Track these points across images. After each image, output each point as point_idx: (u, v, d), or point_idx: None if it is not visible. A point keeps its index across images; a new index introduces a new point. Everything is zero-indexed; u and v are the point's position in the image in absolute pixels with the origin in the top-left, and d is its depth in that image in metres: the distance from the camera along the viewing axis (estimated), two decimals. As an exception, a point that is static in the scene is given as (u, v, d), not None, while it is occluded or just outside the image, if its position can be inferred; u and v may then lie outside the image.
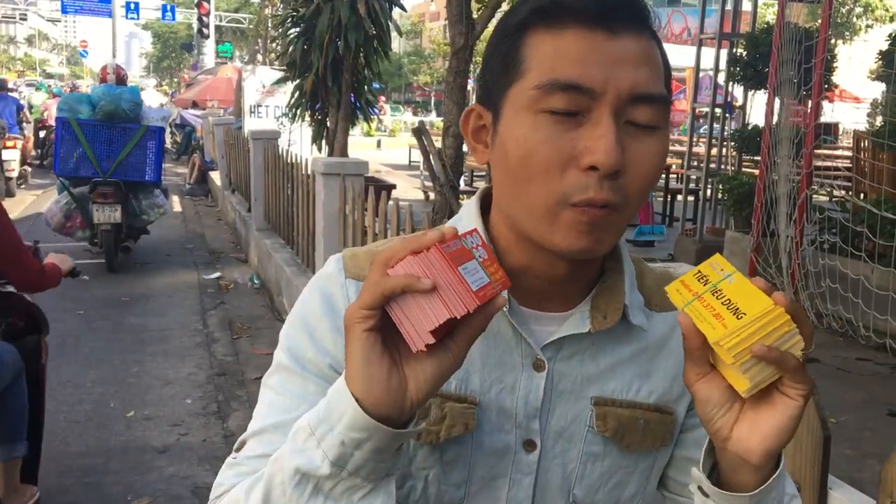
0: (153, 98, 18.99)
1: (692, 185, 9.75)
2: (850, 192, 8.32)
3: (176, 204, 12.98)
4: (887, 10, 25.67)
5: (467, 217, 0.95)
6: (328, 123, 8.03)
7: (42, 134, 16.49)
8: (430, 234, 0.70)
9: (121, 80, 8.04)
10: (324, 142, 8.41)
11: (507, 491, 0.91)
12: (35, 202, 12.52)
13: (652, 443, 0.94)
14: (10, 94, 15.83)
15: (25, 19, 64.73)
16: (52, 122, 15.38)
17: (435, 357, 0.71)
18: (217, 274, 7.89)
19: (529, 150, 0.81)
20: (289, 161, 6.95)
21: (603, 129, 0.79)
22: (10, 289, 3.35)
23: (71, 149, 7.42)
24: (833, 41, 9.12)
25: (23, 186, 14.06)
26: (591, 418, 0.91)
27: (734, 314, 0.73)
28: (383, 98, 33.77)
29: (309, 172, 5.97)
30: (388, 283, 0.68)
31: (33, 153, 16.57)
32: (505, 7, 5.79)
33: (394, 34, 8.19)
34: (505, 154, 0.84)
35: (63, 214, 7.72)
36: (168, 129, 19.14)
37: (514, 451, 0.91)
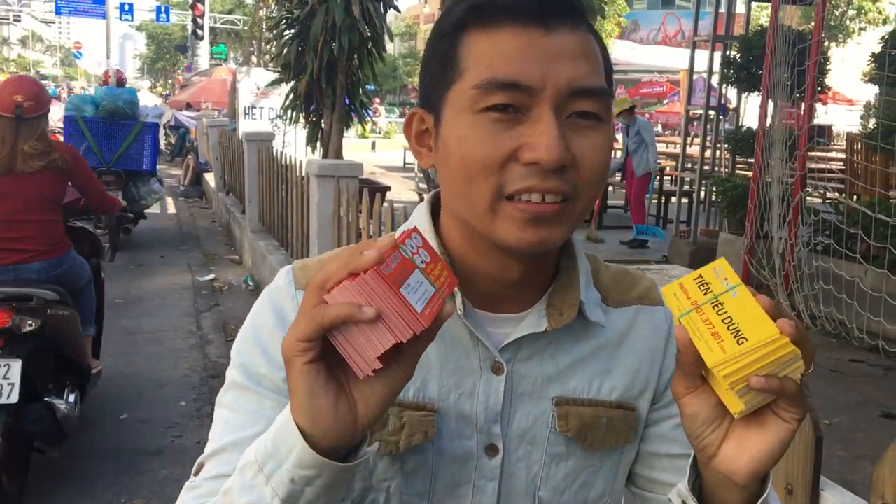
0: (147, 100, 18.94)
1: (686, 187, 9.77)
2: (843, 194, 8.35)
3: (170, 205, 12.96)
4: (880, 13, 25.78)
5: (418, 222, 0.94)
6: (322, 125, 8.03)
7: None
8: (368, 254, 0.65)
9: (121, 82, 9.23)
10: (318, 143, 8.40)
11: (472, 498, 0.90)
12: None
13: (616, 440, 0.94)
14: None
15: (19, 20, 64.56)
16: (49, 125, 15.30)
17: (384, 376, 0.69)
18: (211, 276, 7.87)
19: (469, 149, 0.81)
20: (283, 163, 6.94)
21: (544, 126, 0.79)
22: (79, 224, 4.68)
23: (78, 142, 7.90)
24: (826, 44, 9.16)
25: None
26: (552, 419, 0.90)
27: (735, 337, 0.70)
28: (378, 100, 33.78)
29: (303, 174, 5.97)
30: (326, 315, 0.65)
31: None
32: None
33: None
34: (447, 155, 0.84)
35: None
36: (162, 131, 19.28)
37: (476, 457, 0.90)
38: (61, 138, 12.42)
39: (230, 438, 0.86)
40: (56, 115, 15.59)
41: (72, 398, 3.66)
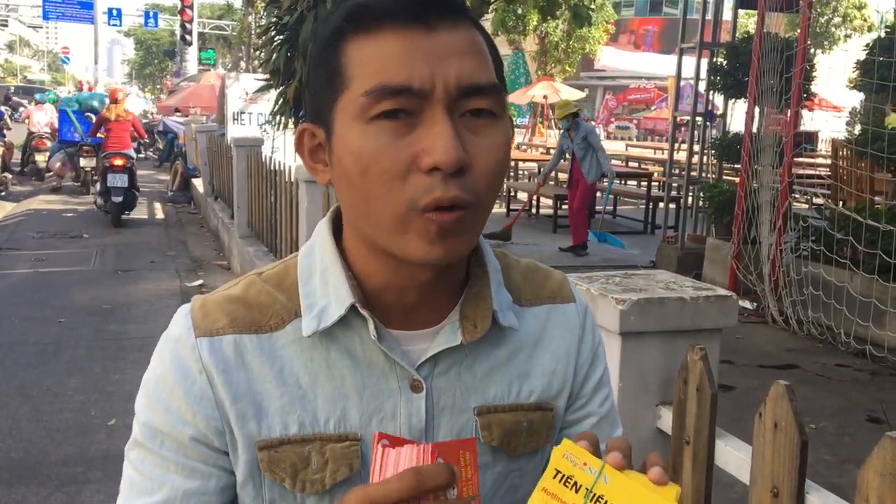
0: (135, 104, 18.97)
1: (674, 193, 9.81)
2: (829, 200, 8.40)
3: (158, 211, 12.92)
4: (865, 20, 25.97)
5: (321, 243, 0.90)
6: (311, 131, 8.01)
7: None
8: None
9: (89, 89, 16.74)
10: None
11: None
12: (15, 209, 12.41)
13: (537, 442, 0.94)
14: None
15: (6, 25, 64.28)
16: (33, 129, 15.39)
17: None
18: (199, 281, 7.85)
19: (367, 162, 0.77)
20: (272, 168, 6.94)
21: (438, 128, 0.76)
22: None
23: (69, 126, 14.07)
24: (812, 51, 9.22)
25: (2, 193, 13.95)
26: (475, 428, 0.89)
27: None
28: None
29: (292, 180, 5.97)
30: None
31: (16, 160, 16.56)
32: (489, 15, 5.80)
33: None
34: (344, 171, 0.80)
35: (61, 163, 14.37)
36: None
37: None
38: (48, 143, 13.58)
39: None
40: (44, 121, 15.72)
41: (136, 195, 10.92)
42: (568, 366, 0.96)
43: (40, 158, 15.30)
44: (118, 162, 10.82)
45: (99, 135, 11.50)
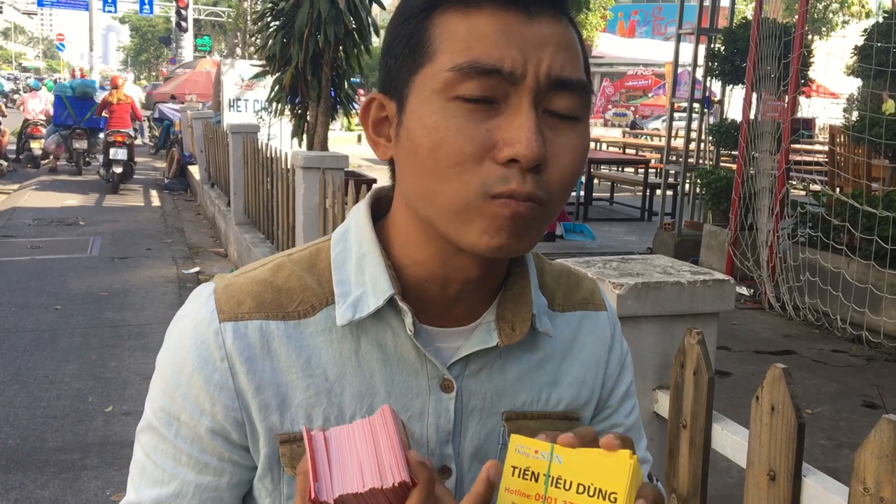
0: (132, 91, 18.95)
1: (671, 180, 9.80)
2: (826, 186, 8.40)
3: (154, 198, 12.89)
4: (863, 7, 25.91)
5: (357, 228, 0.86)
6: (308, 117, 7.99)
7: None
8: None
9: (84, 76, 16.99)
10: (304, 136, 8.38)
11: None
12: (9, 199, 12.37)
13: None
14: None
15: (0, 12, 63.95)
16: (28, 116, 15.42)
17: None
18: (196, 269, 7.84)
19: (441, 139, 0.73)
20: (268, 155, 6.92)
21: (523, 119, 0.73)
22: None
23: (62, 111, 14.78)
24: (810, 37, 9.20)
25: (-1, 180, 13.93)
26: (503, 435, 0.87)
27: (604, 498, 0.67)
28: (363, 92, 33.68)
29: (288, 166, 5.95)
30: None
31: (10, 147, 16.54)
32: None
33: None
34: (413, 146, 0.76)
35: (55, 144, 15.22)
36: (147, 124, 19.62)
37: None
38: (43, 130, 13.82)
39: (148, 495, 0.84)
40: (39, 108, 15.76)
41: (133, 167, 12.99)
42: (597, 376, 0.94)
43: (36, 145, 15.55)
44: (119, 138, 12.78)
45: (104, 114, 13.57)
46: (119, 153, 12.76)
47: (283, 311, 0.83)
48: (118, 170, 12.81)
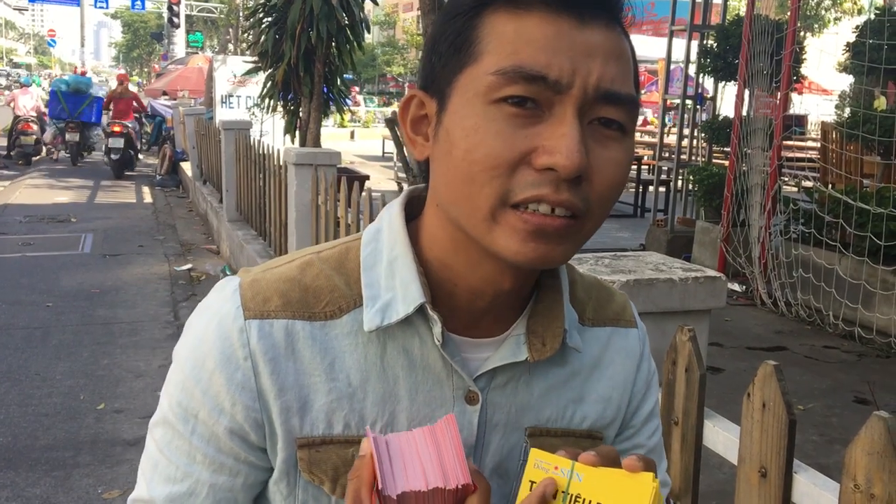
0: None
1: (663, 177, 9.82)
2: (818, 183, 8.42)
3: (146, 195, 12.86)
4: (855, 3, 25.96)
5: (390, 229, 0.83)
6: (300, 114, 7.98)
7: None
8: None
9: (83, 73, 18.27)
10: (296, 132, 8.36)
11: None
12: (1, 193, 12.32)
13: None
14: None
15: (-9, 7, 63.60)
16: (19, 112, 15.45)
17: None
18: (188, 265, 7.82)
19: (479, 142, 0.71)
20: (261, 151, 6.90)
21: (566, 128, 0.70)
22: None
23: (57, 105, 15.54)
24: (802, 33, 9.22)
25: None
26: (525, 451, 0.83)
27: None
28: (356, 89, 33.61)
29: (281, 163, 5.94)
30: None
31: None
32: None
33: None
34: (450, 146, 0.74)
35: (52, 136, 16.51)
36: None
37: None
38: (34, 126, 13.98)
39: (161, 492, 0.82)
40: (30, 105, 15.81)
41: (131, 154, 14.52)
42: (623, 394, 0.91)
43: (26, 141, 15.63)
44: (117, 129, 14.26)
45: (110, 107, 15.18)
46: (117, 142, 14.22)
47: (309, 311, 0.81)
48: (115, 157, 14.31)
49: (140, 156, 15.97)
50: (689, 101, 8.89)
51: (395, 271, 0.81)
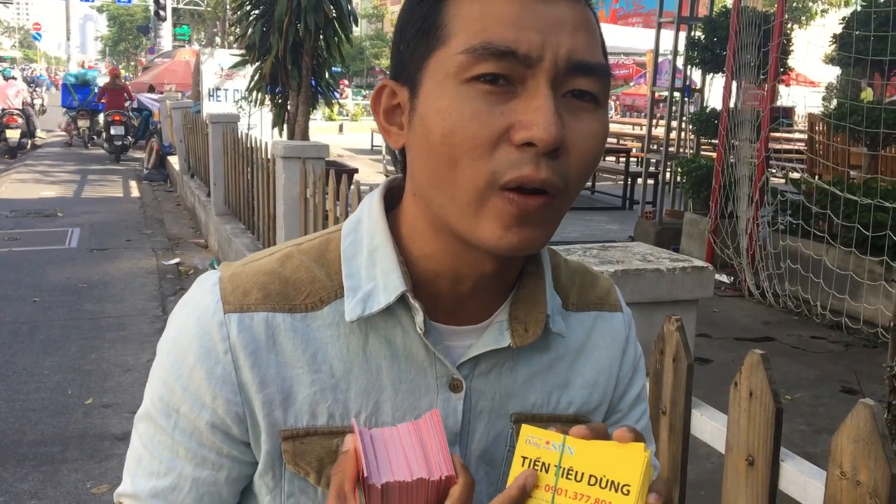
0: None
1: (652, 169, 9.84)
2: (805, 174, 8.46)
3: (134, 189, 12.79)
4: (842, -5, 26.06)
5: (370, 219, 0.83)
6: (289, 107, 7.95)
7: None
8: None
9: (90, 67, 27.76)
10: (284, 126, 8.33)
11: None
12: (-12, 188, 12.24)
13: None
14: None
15: (-25, 1, 63.05)
16: (3, 106, 15.54)
17: None
18: (176, 260, 7.79)
19: (454, 125, 0.71)
20: (248, 145, 6.88)
21: (541, 100, 0.70)
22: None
23: (68, 96, 18.61)
24: (789, 25, 9.24)
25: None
26: (511, 437, 0.85)
27: (616, 490, 0.66)
28: (345, 82, 33.50)
29: (269, 156, 5.92)
30: None
31: None
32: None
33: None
34: (426, 132, 0.73)
35: (66, 123, 19.10)
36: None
37: None
38: (19, 120, 14.24)
39: (145, 486, 0.82)
40: (15, 97, 16.02)
41: (130, 140, 16.66)
42: (609, 379, 0.91)
43: (11, 135, 15.84)
44: (117, 118, 15.98)
45: (102, 100, 16.73)
46: (119, 130, 16.02)
47: (290, 303, 0.80)
48: (118, 143, 16.04)
49: (130, 139, 17.16)
50: (676, 94, 8.91)
51: (376, 261, 0.80)
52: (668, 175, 9.10)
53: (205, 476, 0.81)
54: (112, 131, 15.96)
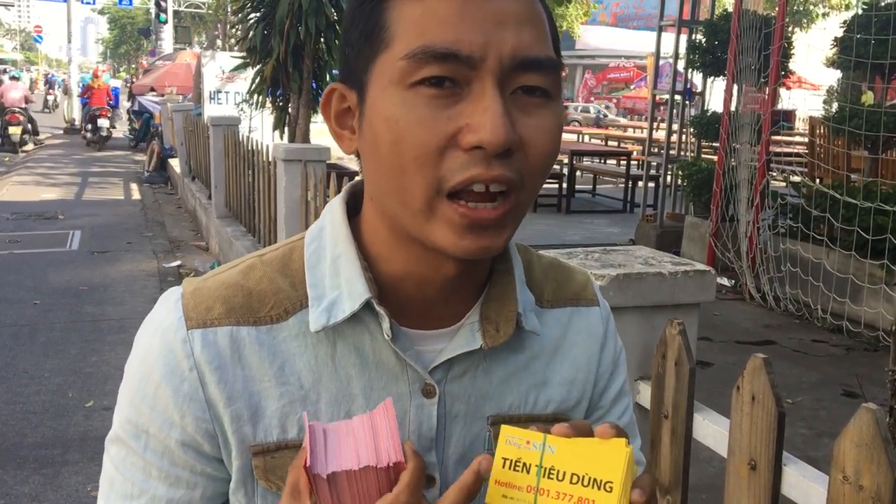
0: (113, 82, 22.85)
1: (652, 172, 9.84)
2: (806, 177, 8.46)
3: (135, 192, 12.80)
4: (842, -1, 26.07)
5: (332, 226, 0.81)
6: (290, 110, 7.95)
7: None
8: None
9: (104, 71, 22.87)
10: (285, 128, 8.33)
11: None
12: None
13: None
14: None
15: (-24, 3, 63.08)
16: (7, 104, 17.50)
17: None
18: (177, 262, 7.80)
19: (401, 132, 0.69)
20: (249, 147, 6.88)
21: (487, 102, 0.68)
22: None
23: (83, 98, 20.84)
24: (790, 29, 9.25)
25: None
26: (488, 440, 0.83)
27: (599, 488, 0.65)
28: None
29: (270, 159, 5.92)
30: None
31: None
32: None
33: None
34: (375, 140, 0.72)
35: (83, 117, 20.10)
36: (126, 117, 22.43)
37: None
38: (21, 118, 17.93)
39: None
40: (18, 97, 16.84)
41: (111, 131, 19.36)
42: (588, 375, 0.89)
43: (13, 131, 17.19)
44: (104, 112, 18.59)
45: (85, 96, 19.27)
46: (103, 122, 18.71)
47: (254, 315, 0.78)
48: (103, 133, 18.79)
49: (116, 125, 20.61)
50: (677, 97, 8.91)
51: (340, 269, 0.79)
52: (668, 178, 9.10)
53: (179, 496, 0.79)
54: (98, 123, 18.79)
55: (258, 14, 7.74)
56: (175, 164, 12.78)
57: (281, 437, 0.78)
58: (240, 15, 8.30)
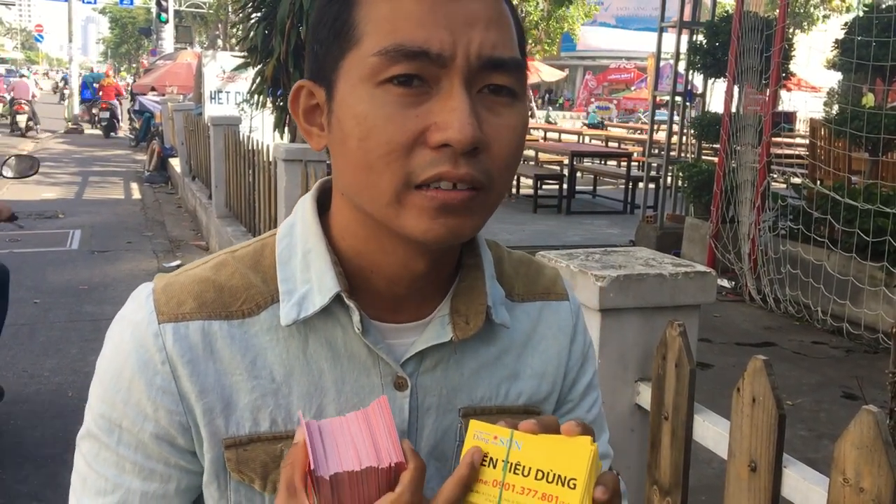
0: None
1: (653, 173, 9.84)
2: (807, 179, 8.47)
3: (135, 191, 12.80)
4: (843, 1, 26.07)
5: (303, 222, 0.83)
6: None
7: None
8: None
9: (106, 72, 27.38)
10: (286, 128, 8.33)
11: None
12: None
13: None
14: None
15: (-23, 3, 63.11)
16: (17, 97, 21.14)
17: None
18: (177, 262, 7.79)
19: (370, 129, 0.70)
20: (250, 147, 6.88)
21: (455, 101, 0.69)
22: None
23: (86, 91, 25.92)
24: (791, 31, 9.25)
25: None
26: (459, 431, 0.84)
27: (563, 484, 0.67)
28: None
29: (270, 159, 5.92)
30: None
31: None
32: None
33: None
34: (343, 136, 0.73)
35: (82, 111, 26.04)
36: (126, 116, 23.75)
37: None
38: (26, 108, 21.34)
39: None
40: (25, 92, 21.45)
41: (115, 122, 23.32)
42: (558, 368, 0.91)
43: (20, 119, 21.20)
44: (104, 106, 22.64)
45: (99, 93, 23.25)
46: (107, 115, 22.54)
47: (226, 310, 0.80)
48: (104, 124, 22.57)
49: (120, 123, 23.80)
50: (678, 98, 8.91)
51: (310, 263, 0.80)
52: (669, 179, 9.10)
53: (153, 489, 0.80)
54: (100, 115, 23.00)
55: (259, 14, 7.74)
56: (175, 163, 12.78)
57: (253, 430, 0.79)
58: (241, 15, 8.31)
